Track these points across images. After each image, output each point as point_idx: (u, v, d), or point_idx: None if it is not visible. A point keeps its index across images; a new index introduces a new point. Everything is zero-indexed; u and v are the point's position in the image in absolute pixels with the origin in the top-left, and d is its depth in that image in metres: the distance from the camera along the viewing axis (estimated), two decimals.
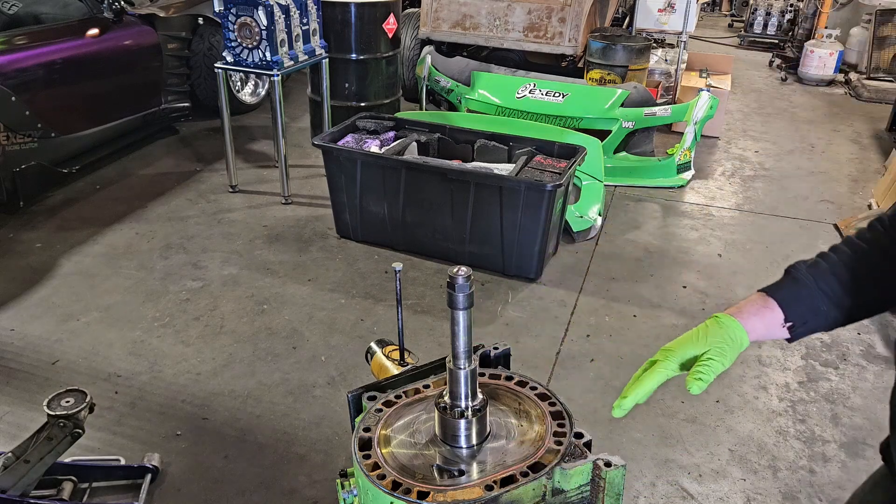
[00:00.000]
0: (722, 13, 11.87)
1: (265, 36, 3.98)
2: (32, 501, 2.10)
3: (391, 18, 5.01)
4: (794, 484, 2.49)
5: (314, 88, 5.06)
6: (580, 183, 4.26)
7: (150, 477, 2.37)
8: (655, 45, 6.40)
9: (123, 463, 2.41)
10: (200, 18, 5.23)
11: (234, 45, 4.07)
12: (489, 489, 0.93)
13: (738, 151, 5.61)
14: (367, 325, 3.27)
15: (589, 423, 2.70)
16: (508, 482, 0.95)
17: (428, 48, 5.93)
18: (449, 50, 6.12)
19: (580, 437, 1.02)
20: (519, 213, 3.46)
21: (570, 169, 3.53)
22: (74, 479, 2.31)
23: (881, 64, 7.39)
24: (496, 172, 3.58)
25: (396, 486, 0.95)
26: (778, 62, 8.31)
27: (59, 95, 4.24)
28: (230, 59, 4.14)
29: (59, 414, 2.06)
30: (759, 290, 1.15)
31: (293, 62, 4.23)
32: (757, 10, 9.18)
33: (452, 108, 5.54)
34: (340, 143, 3.94)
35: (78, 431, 2.10)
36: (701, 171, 5.13)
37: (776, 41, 9.06)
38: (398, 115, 4.74)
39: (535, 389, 1.12)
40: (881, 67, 7.39)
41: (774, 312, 1.12)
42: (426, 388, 1.15)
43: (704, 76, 6.52)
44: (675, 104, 5.26)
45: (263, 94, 6.02)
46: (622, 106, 4.92)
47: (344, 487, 1.21)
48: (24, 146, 3.99)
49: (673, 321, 3.37)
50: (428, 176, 3.63)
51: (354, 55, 4.95)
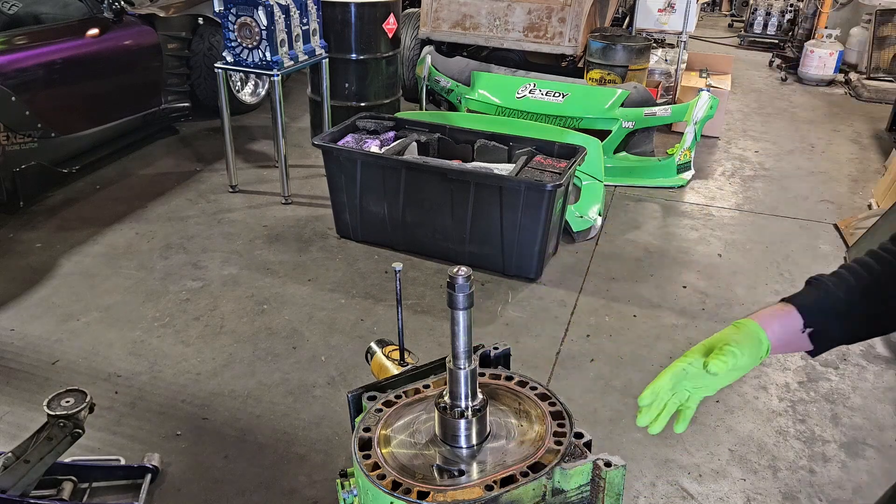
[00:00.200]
0: (722, 13, 11.87)
1: (265, 36, 3.98)
2: (32, 501, 2.10)
3: (391, 18, 5.01)
4: (794, 484, 2.49)
5: (314, 88, 5.06)
6: (580, 183, 4.26)
7: (150, 477, 2.37)
8: (655, 45, 6.40)
9: (123, 463, 2.41)
10: (200, 18, 5.23)
11: (234, 45, 4.07)
12: (489, 489, 0.93)
13: (738, 151, 5.61)
14: (367, 325, 3.27)
15: (589, 423, 2.70)
16: (508, 482, 0.95)
17: (428, 48, 5.93)
18: (449, 50, 6.12)
19: (580, 437, 1.02)
20: (519, 213, 3.46)
21: (570, 169, 3.53)
22: (74, 479, 2.31)
23: (881, 64, 7.39)
24: (496, 172, 3.58)
25: (396, 486, 0.95)
26: (778, 62, 8.30)
27: (59, 95, 4.24)
28: (230, 59, 4.14)
29: (59, 414, 2.06)
30: (781, 299, 1.14)
31: (293, 62, 4.23)
32: (757, 10, 9.18)
33: (452, 108, 5.53)
34: (340, 143, 3.94)
35: (78, 431, 2.10)
36: (701, 171, 5.13)
37: (776, 41, 9.06)
38: (398, 115, 4.74)
39: (535, 389, 1.12)
40: (881, 67, 7.39)
41: (793, 317, 1.09)
42: (426, 388, 1.15)
43: (704, 76, 6.52)
44: (675, 104, 5.26)
45: (263, 94, 6.02)
46: (622, 106, 4.92)
47: (344, 487, 1.21)
48: (24, 146, 3.99)
49: (673, 321, 3.37)
50: (428, 176, 3.63)
51: (354, 55, 4.96)
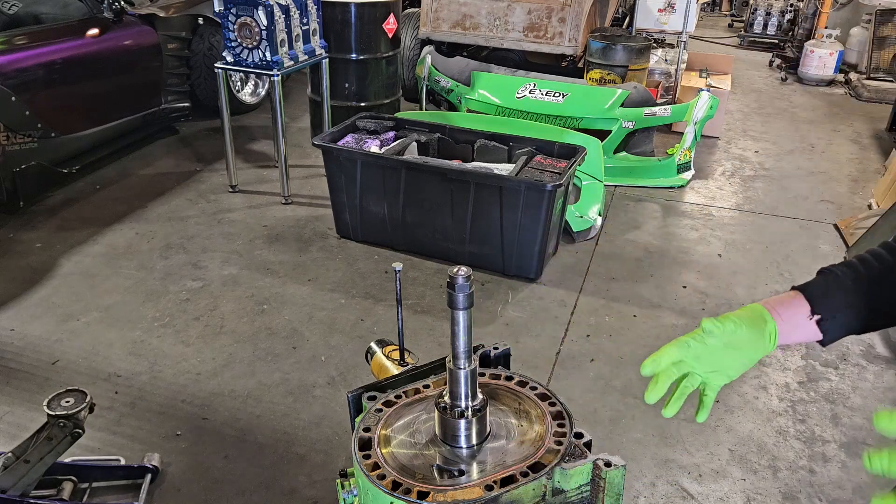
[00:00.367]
0: (722, 13, 11.87)
1: (265, 36, 3.98)
2: (32, 501, 2.10)
3: (391, 18, 5.01)
4: (794, 484, 2.49)
5: (314, 88, 5.06)
6: (580, 183, 4.26)
7: (150, 477, 2.37)
8: (655, 45, 6.40)
9: (123, 463, 2.41)
10: (200, 18, 5.23)
11: (234, 45, 4.07)
12: (489, 489, 0.93)
13: (738, 151, 5.61)
14: (367, 325, 3.27)
15: (589, 423, 2.70)
16: (508, 482, 0.94)
17: (428, 48, 5.93)
18: (449, 50, 6.12)
19: (580, 437, 1.02)
20: (519, 213, 3.46)
21: (570, 169, 3.53)
22: (74, 479, 2.31)
23: (881, 64, 7.39)
24: (496, 172, 3.58)
25: (396, 486, 0.95)
26: (778, 62, 8.30)
27: (59, 95, 4.24)
28: (230, 59, 4.14)
29: (59, 414, 2.06)
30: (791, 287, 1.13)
31: (293, 62, 4.23)
32: (757, 10, 9.18)
33: (452, 108, 5.53)
34: (340, 143, 3.94)
35: (78, 431, 2.10)
36: (701, 171, 5.13)
37: (776, 41, 9.06)
38: (398, 115, 4.74)
39: (535, 389, 1.12)
40: (881, 67, 7.38)
41: (800, 303, 1.09)
42: (426, 388, 1.15)
43: (704, 76, 6.52)
44: (675, 104, 5.26)
45: (263, 94, 6.02)
46: (622, 106, 4.92)
47: (344, 487, 1.21)
48: (24, 146, 3.99)
49: (673, 321, 3.37)
50: (428, 176, 3.63)
51: (354, 55, 4.96)
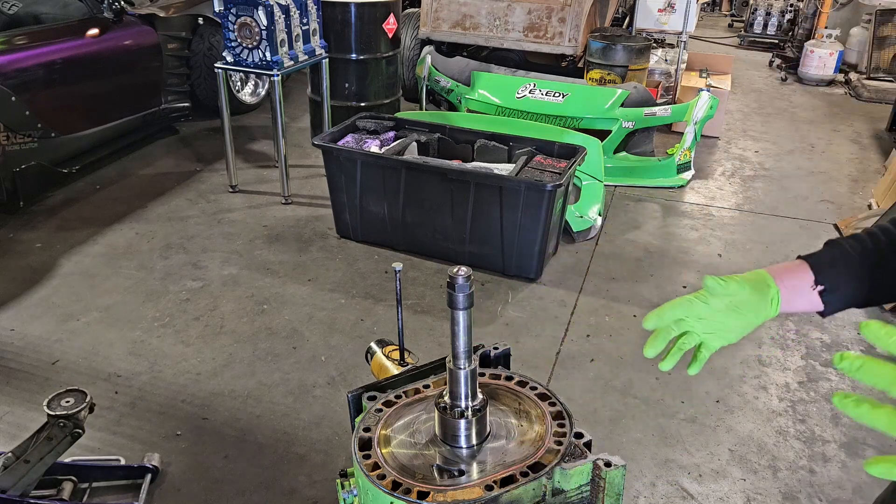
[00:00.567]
0: (722, 13, 11.87)
1: (265, 36, 3.98)
2: (32, 501, 2.10)
3: (391, 18, 5.01)
4: (794, 484, 2.49)
5: (314, 88, 5.06)
6: (580, 183, 4.26)
7: (150, 477, 2.37)
8: (655, 45, 6.40)
9: (123, 463, 2.41)
10: (200, 18, 5.23)
11: (234, 45, 4.07)
12: (489, 489, 0.93)
13: (738, 151, 5.61)
14: (367, 325, 3.27)
15: (589, 423, 2.70)
16: (508, 482, 0.94)
17: (428, 48, 5.93)
18: (449, 50, 6.12)
19: (580, 437, 1.02)
20: (519, 213, 3.46)
21: (570, 169, 3.53)
22: (74, 479, 2.31)
23: (881, 64, 7.39)
24: (496, 172, 3.58)
25: (396, 486, 0.95)
26: (778, 62, 8.30)
27: (59, 95, 4.24)
28: (230, 59, 4.14)
29: (59, 414, 2.06)
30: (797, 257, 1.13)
31: (293, 62, 4.23)
32: (757, 10, 9.18)
33: (452, 108, 5.53)
34: (340, 143, 3.94)
35: (78, 431, 2.09)
36: (701, 171, 5.13)
37: (776, 41, 9.06)
38: (398, 115, 4.74)
39: (535, 389, 1.12)
40: (881, 67, 7.38)
41: (804, 272, 1.08)
42: (426, 388, 1.15)
43: (704, 76, 6.52)
44: (675, 104, 5.26)
45: (263, 94, 6.02)
46: (622, 106, 4.92)
47: (344, 487, 1.21)
48: (24, 146, 3.99)
49: None
50: (428, 176, 3.63)
51: (354, 55, 4.95)
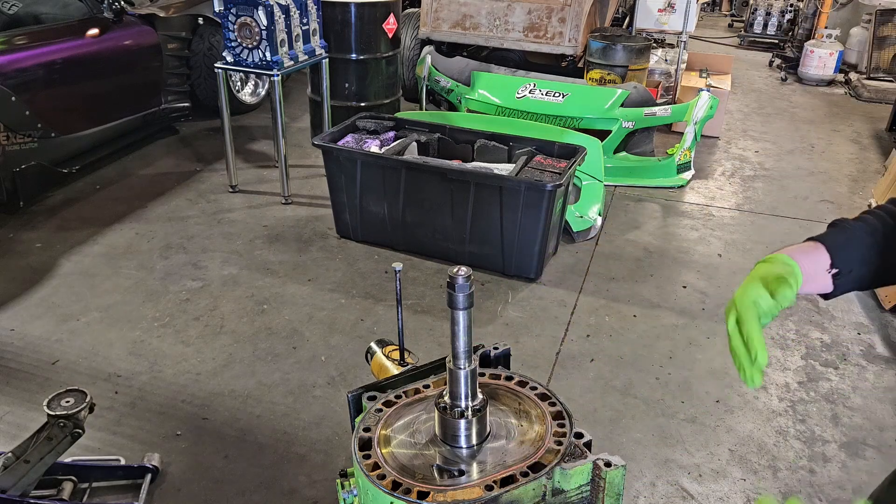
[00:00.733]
0: (722, 13, 11.87)
1: (265, 36, 3.98)
2: (32, 501, 2.10)
3: (391, 18, 5.01)
4: (794, 484, 2.49)
5: (314, 88, 5.06)
6: (580, 183, 4.26)
7: (150, 477, 2.37)
8: (655, 45, 6.40)
9: (123, 463, 2.41)
10: (200, 18, 5.23)
11: (234, 45, 4.07)
12: (489, 489, 0.93)
13: (738, 151, 5.61)
14: (367, 325, 3.27)
15: (589, 423, 2.70)
16: (508, 482, 0.94)
17: (428, 48, 5.93)
18: (449, 50, 6.12)
19: (580, 437, 1.02)
20: (519, 213, 3.46)
21: (570, 169, 3.53)
22: (74, 479, 2.31)
23: (881, 64, 7.39)
24: (496, 172, 3.58)
25: (396, 486, 0.95)
26: (778, 62, 8.30)
27: (59, 95, 4.24)
28: (230, 59, 4.14)
29: (59, 414, 2.06)
30: (806, 238, 1.13)
31: (293, 62, 4.23)
32: (757, 10, 9.18)
33: (452, 108, 5.53)
34: (340, 143, 3.94)
35: (78, 431, 2.09)
36: (701, 171, 5.13)
37: (776, 41, 9.06)
38: (398, 115, 4.74)
39: (535, 389, 1.12)
40: (881, 67, 7.38)
41: (821, 254, 1.09)
42: (426, 388, 1.15)
43: (704, 76, 6.52)
44: (675, 104, 5.26)
45: (263, 94, 6.02)
46: (622, 106, 4.92)
47: (344, 487, 1.21)
48: (24, 146, 3.99)
49: (673, 321, 3.37)
50: (428, 176, 3.63)
51: (354, 55, 4.95)
